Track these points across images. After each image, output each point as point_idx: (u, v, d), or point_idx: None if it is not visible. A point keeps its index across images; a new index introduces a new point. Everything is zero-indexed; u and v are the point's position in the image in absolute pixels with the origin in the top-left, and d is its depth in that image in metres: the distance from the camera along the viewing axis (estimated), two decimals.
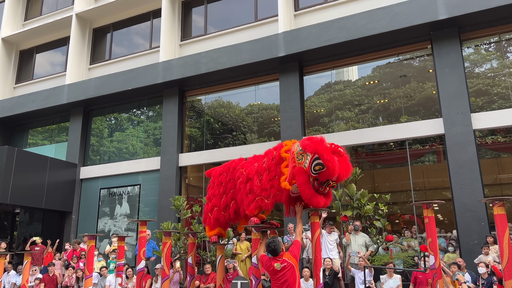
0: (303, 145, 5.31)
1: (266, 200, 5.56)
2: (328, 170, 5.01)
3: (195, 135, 14.40)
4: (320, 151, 5.05)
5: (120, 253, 7.52)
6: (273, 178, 5.58)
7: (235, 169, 6.19)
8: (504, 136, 10.99)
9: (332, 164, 4.98)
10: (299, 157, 5.28)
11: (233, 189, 6.16)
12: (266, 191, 5.58)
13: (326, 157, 5.00)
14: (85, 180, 15.15)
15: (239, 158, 6.52)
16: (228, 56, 12.60)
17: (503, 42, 10.82)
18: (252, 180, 5.80)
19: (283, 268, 4.95)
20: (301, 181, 5.14)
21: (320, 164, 5.05)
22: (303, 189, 5.12)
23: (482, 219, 9.18)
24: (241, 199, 5.88)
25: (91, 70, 16.51)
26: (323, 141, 5.19)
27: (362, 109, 12.56)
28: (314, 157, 5.10)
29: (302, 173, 5.16)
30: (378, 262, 8.80)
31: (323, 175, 5.08)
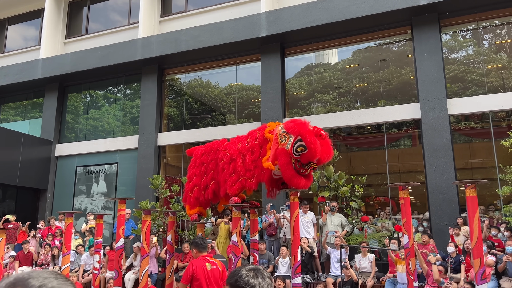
0: (287, 127, 5.41)
1: (250, 180, 5.62)
2: (310, 152, 5.12)
3: (173, 114, 14.25)
4: (303, 133, 5.16)
5: (98, 230, 7.48)
6: (257, 159, 5.63)
7: (218, 150, 6.20)
8: (477, 122, 11.35)
9: (314, 146, 5.09)
10: (282, 139, 5.38)
11: (214, 169, 6.18)
12: (250, 171, 5.64)
13: (309, 139, 5.11)
14: (60, 158, 14.86)
15: (222, 139, 6.53)
16: (209, 34, 12.43)
17: (480, 30, 11.06)
18: (236, 160, 5.84)
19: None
20: (283, 162, 5.23)
21: (302, 146, 5.17)
22: (285, 169, 5.22)
23: (453, 202, 9.53)
24: (224, 179, 5.92)
25: (66, 44, 16.00)
26: (306, 124, 5.31)
27: (341, 92, 12.68)
28: (296, 138, 5.22)
29: (285, 154, 5.26)
30: (353, 241, 9.06)
31: (305, 157, 5.19)
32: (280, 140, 5.41)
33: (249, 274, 1.79)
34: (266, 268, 9.00)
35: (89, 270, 9.83)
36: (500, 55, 11.14)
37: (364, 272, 8.42)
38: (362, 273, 8.41)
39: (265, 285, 1.78)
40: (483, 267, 4.90)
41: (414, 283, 5.48)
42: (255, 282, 1.77)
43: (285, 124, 5.54)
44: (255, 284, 1.76)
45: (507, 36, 11.12)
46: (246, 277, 1.77)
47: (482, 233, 7.74)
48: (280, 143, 5.40)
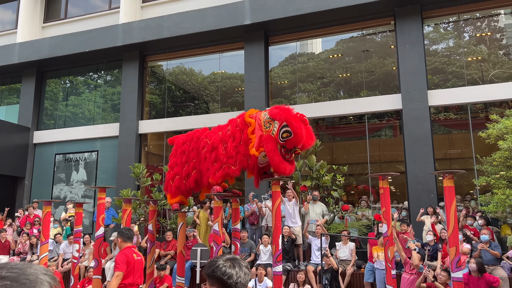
0: (272, 113, 5.46)
1: (233, 167, 5.61)
2: (296, 137, 5.21)
3: (155, 102, 14.07)
4: (289, 119, 5.24)
5: (77, 219, 7.38)
6: (238, 145, 5.63)
7: (199, 139, 6.16)
8: (456, 113, 11.55)
9: (300, 131, 5.19)
10: (266, 125, 5.43)
11: (196, 158, 6.14)
12: (232, 158, 5.63)
13: (295, 124, 5.20)
14: (38, 145, 14.54)
15: (203, 128, 6.49)
16: (192, 21, 12.25)
17: (461, 22, 11.19)
18: (217, 149, 5.81)
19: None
20: (270, 148, 5.29)
21: (288, 132, 5.25)
22: (272, 155, 5.27)
23: (431, 191, 9.73)
24: (207, 168, 5.89)
25: (45, 29, 15.55)
26: (291, 110, 5.40)
27: (324, 82, 12.72)
28: (282, 124, 5.29)
29: (271, 140, 5.32)
30: (334, 230, 9.19)
31: (290, 142, 5.28)
32: (265, 127, 5.46)
33: (226, 264, 1.78)
34: (248, 256, 9.06)
35: (68, 259, 9.71)
36: (480, 47, 11.32)
37: (344, 260, 8.55)
38: (342, 261, 8.55)
39: (242, 274, 1.77)
40: (458, 255, 5.03)
41: (392, 271, 5.59)
42: (232, 272, 1.76)
43: (270, 110, 5.58)
44: (232, 274, 1.75)
45: (487, 29, 11.29)
46: (223, 267, 1.76)
47: (458, 222, 7.95)
48: (264, 130, 5.44)
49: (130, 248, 5.17)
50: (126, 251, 5.10)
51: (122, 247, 5.18)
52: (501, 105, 10.81)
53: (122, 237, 5.20)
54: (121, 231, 5.29)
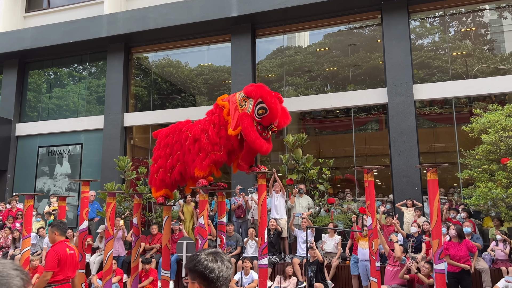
0: (246, 91, 5.49)
1: (219, 153, 5.58)
2: (272, 113, 5.25)
3: (141, 94, 13.91)
4: (264, 95, 5.29)
5: (61, 213, 7.26)
6: (219, 130, 5.61)
7: (181, 131, 6.11)
8: (440, 107, 11.69)
9: (275, 106, 5.23)
10: (242, 104, 5.46)
11: (179, 150, 6.08)
12: (217, 144, 5.60)
13: (270, 99, 5.24)
14: (21, 137, 14.27)
15: (186, 120, 6.43)
16: (178, 12, 12.09)
17: (447, 17, 11.28)
18: (200, 139, 5.77)
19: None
20: (246, 124, 5.28)
21: (264, 108, 5.28)
22: (248, 132, 5.25)
23: (416, 184, 9.84)
24: (192, 159, 5.84)
25: (27, 18, 15.20)
26: (265, 87, 5.43)
27: (311, 76, 12.72)
28: (257, 101, 5.32)
29: (246, 116, 5.33)
30: (320, 223, 9.24)
31: (266, 119, 5.30)
32: (240, 106, 5.48)
33: (208, 258, 1.76)
34: (234, 249, 9.06)
35: None
36: (465, 42, 11.43)
37: (330, 253, 8.62)
38: (327, 253, 8.61)
39: (224, 268, 1.75)
40: (441, 247, 5.09)
41: (376, 263, 5.64)
42: (214, 266, 1.74)
43: (244, 89, 5.60)
44: (214, 268, 1.73)
45: (472, 24, 11.40)
46: (205, 261, 1.74)
47: (442, 215, 8.08)
48: (240, 109, 5.45)
49: (63, 242, 5.13)
50: (57, 247, 5.04)
51: (56, 241, 5.12)
52: (484, 99, 10.97)
53: (59, 230, 5.16)
54: (58, 224, 5.24)
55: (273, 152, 13.73)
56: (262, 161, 12.64)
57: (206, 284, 1.72)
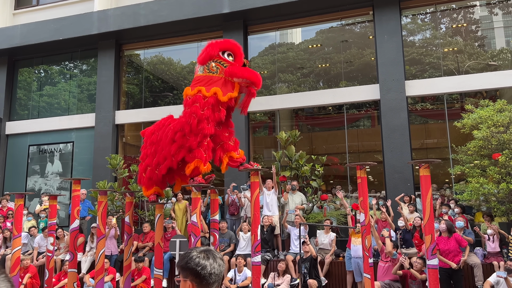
0: (204, 57, 5.78)
1: (207, 126, 5.56)
2: (238, 47, 5.83)
3: (133, 92, 13.80)
4: (221, 44, 5.77)
5: (52, 212, 7.19)
6: (203, 109, 5.58)
7: (164, 126, 6.01)
8: (432, 103, 11.74)
9: (235, 42, 5.90)
10: (213, 70, 5.71)
11: (164, 146, 5.93)
12: (206, 120, 5.56)
13: (227, 42, 5.84)
14: (11, 136, 14.10)
15: (168, 115, 6.35)
16: (169, 9, 12.00)
17: (438, 14, 11.32)
18: (183, 129, 5.67)
19: None
20: (239, 70, 5.63)
21: (229, 54, 5.73)
22: (246, 72, 5.63)
23: (408, 180, 9.88)
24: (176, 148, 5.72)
25: (16, 15, 14.99)
26: (210, 43, 5.88)
27: (304, 72, 12.71)
28: (221, 53, 5.72)
29: (234, 65, 5.68)
30: (313, 220, 9.24)
31: (238, 58, 5.80)
32: (214, 72, 5.69)
33: (200, 255, 1.75)
34: (228, 247, 9.04)
35: (44, 252, 9.50)
36: (456, 39, 11.48)
37: (323, 249, 8.63)
38: (321, 249, 8.62)
39: (216, 266, 1.75)
40: (434, 243, 5.11)
41: (370, 259, 5.66)
42: (206, 263, 1.73)
43: (199, 60, 5.87)
44: (206, 265, 1.72)
45: (463, 21, 11.45)
46: (197, 259, 1.74)
47: (435, 211, 8.12)
48: (217, 75, 5.67)
49: None
50: None
51: None
52: (475, 95, 11.03)
53: None
54: None
55: (266, 149, 13.72)
56: (255, 158, 12.63)
57: (198, 281, 1.71)
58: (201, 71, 5.74)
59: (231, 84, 5.68)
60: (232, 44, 5.84)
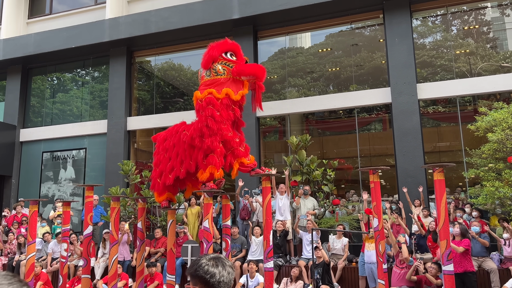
0: (207, 60, 5.88)
1: (224, 126, 5.64)
2: (237, 46, 6.01)
3: (144, 98, 13.91)
4: (222, 46, 5.89)
5: (65, 218, 7.26)
6: (218, 111, 5.64)
7: (178, 133, 6.05)
8: (444, 106, 11.61)
9: (233, 42, 6.05)
10: (220, 72, 5.79)
11: (178, 153, 5.97)
12: (223, 122, 5.64)
13: (226, 43, 5.93)
14: (25, 143, 14.30)
15: (181, 122, 6.40)
16: (179, 15, 12.09)
17: (449, 16, 11.22)
18: (199, 136, 5.70)
19: None
20: (247, 67, 5.76)
21: (232, 52, 5.87)
22: (252, 68, 5.78)
23: (421, 184, 9.76)
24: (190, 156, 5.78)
25: (29, 24, 15.26)
26: (212, 44, 6.01)
27: (314, 76, 12.68)
28: (223, 55, 5.83)
29: (240, 65, 5.76)
30: (325, 225, 9.18)
31: (240, 56, 5.94)
32: (221, 74, 5.77)
33: (209, 263, 1.75)
34: (239, 252, 9.01)
35: (57, 258, 9.58)
36: (468, 41, 11.36)
37: (336, 255, 8.56)
38: (334, 255, 8.55)
39: (225, 273, 1.74)
40: (449, 248, 5.04)
41: (384, 265, 5.59)
42: (215, 270, 1.73)
43: (203, 64, 5.96)
44: (215, 273, 1.72)
45: (475, 22, 11.34)
46: (206, 266, 1.74)
47: (449, 215, 8.01)
48: (224, 77, 5.75)
49: None
50: None
51: None
52: (489, 97, 10.89)
53: None
54: None
55: (277, 153, 13.69)
56: (265, 163, 12.61)
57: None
58: (208, 75, 5.79)
59: (240, 82, 5.77)
60: (232, 44, 5.97)
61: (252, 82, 5.90)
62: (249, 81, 5.84)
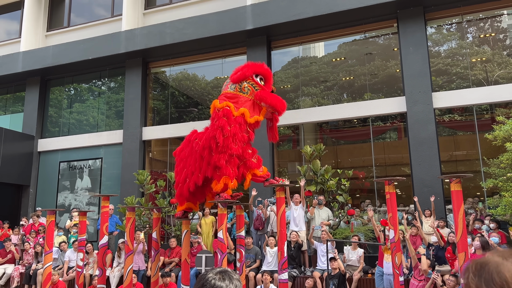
0: (238, 77, 5.91)
1: (234, 146, 5.67)
2: (269, 73, 6.02)
3: (159, 108, 14.07)
4: (256, 68, 5.93)
5: (81, 228, 7.35)
6: (231, 127, 5.68)
7: (190, 142, 6.11)
8: (460, 114, 11.45)
9: (267, 68, 6.06)
10: (244, 91, 5.80)
11: (193, 162, 6.01)
12: (234, 140, 5.67)
13: (261, 66, 5.94)
14: (43, 153, 14.57)
15: (192, 130, 6.46)
16: (194, 27, 12.25)
17: (464, 23, 11.11)
18: (210, 146, 5.75)
19: None
20: (268, 95, 5.78)
21: (262, 77, 5.88)
22: (274, 99, 5.76)
23: (438, 194, 9.60)
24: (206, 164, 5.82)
25: (48, 37, 15.63)
26: (248, 62, 6.12)
27: (327, 85, 12.66)
28: (253, 76, 5.87)
29: (265, 91, 5.80)
30: (340, 235, 9.09)
31: (268, 83, 5.97)
32: (245, 93, 5.81)
33: (216, 277, 1.75)
34: (253, 263, 8.97)
35: (73, 267, 9.67)
36: (484, 48, 11.22)
37: (351, 266, 8.45)
38: (349, 266, 8.44)
39: (232, 287, 1.74)
40: (467, 261, 4.94)
41: (400, 277, 5.50)
42: (222, 284, 1.72)
43: (232, 79, 5.99)
44: (222, 287, 1.72)
45: (491, 30, 11.20)
46: (213, 280, 1.73)
47: (468, 227, 7.85)
48: (246, 96, 5.80)
49: None
50: None
51: None
52: (506, 105, 10.71)
53: None
54: None
55: (290, 162, 13.66)
56: (279, 172, 12.59)
57: None
58: (232, 89, 5.83)
59: (258, 107, 5.78)
60: (265, 70, 6.02)
61: (269, 112, 5.94)
62: (267, 110, 5.88)
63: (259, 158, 6.28)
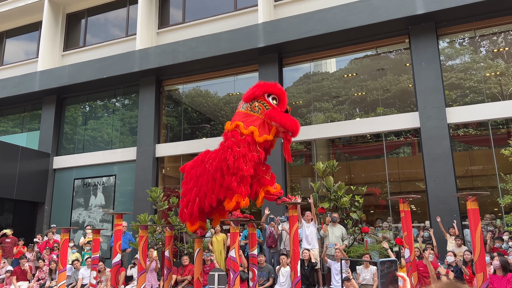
0: (249, 96, 5.95)
1: (245, 167, 5.66)
2: (283, 93, 5.98)
3: (172, 124, 14.20)
4: (267, 87, 5.94)
5: (95, 246, 7.38)
6: (240, 147, 5.71)
7: (203, 162, 6.15)
8: (476, 129, 11.29)
9: (280, 87, 6.08)
10: (255, 110, 5.83)
11: (204, 182, 6.05)
12: (244, 161, 5.67)
13: (273, 86, 5.96)
14: (58, 170, 14.77)
15: (205, 151, 6.53)
16: (206, 45, 12.42)
17: (477, 38, 11.05)
18: (223, 167, 5.78)
19: None
20: (279, 115, 5.75)
21: (274, 98, 5.88)
22: (284, 118, 5.72)
23: (454, 211, 9.43)
24: (219, 186, 5.84)
25: (64, 57, 16.00)
26: (260, 82, 6.11)
27: (339, 100, 12.65)
28: (266, 96, 5.88)
29: (275, 110, 5.79)
30: (354, 253, 8.94)
31: (282, 104, 5.92)
32: (256, 112, 5.81)
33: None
34: (266, 281, 8.87)
35: (86, 284, 9.68)
36: (497, 61, 11.12)
37: (365, 285, 8.29)
38: (363, 286, 8.28)
39: None
40: (486, 281, 4.81)
41: None
42: None
43: (245, 98, 6.03)
44: None
45: (504, 43, 11.10)
46: None
47: (486, 245, 7.64)
48: (257, 115, 5.81)
49: None
50: None
51: None
52: None
53: None
54: None
55: (303, 178, 13.59)
56: (292, 188, 12.53)
57: None
58: (244, 108, 5.90)
59: (268, 126, 5.79)
60: (278, 89, 6.03)
61: (281, 132, 5.92)
62: (278, 129, 5.88)
63: (273, 174, 6.28)
